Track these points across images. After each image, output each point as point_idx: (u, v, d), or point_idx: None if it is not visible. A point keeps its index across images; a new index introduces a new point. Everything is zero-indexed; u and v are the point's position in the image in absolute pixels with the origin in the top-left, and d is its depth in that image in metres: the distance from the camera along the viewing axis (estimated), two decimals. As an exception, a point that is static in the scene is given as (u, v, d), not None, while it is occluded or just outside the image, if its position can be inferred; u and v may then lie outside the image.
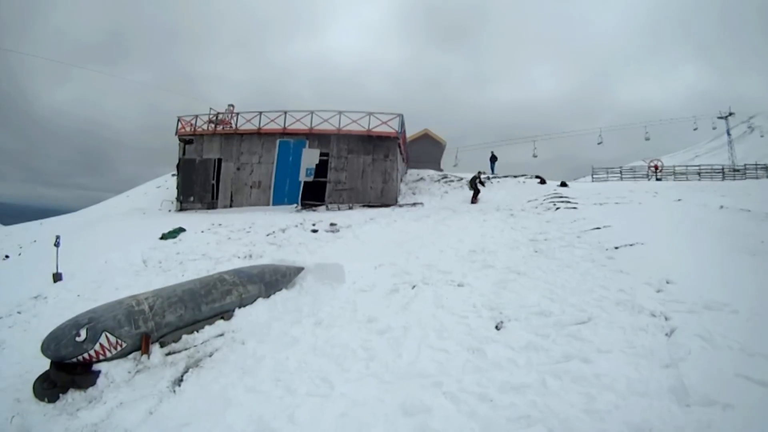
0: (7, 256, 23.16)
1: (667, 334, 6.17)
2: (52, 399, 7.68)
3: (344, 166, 28.52)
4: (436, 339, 6.97)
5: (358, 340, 7.37)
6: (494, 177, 31.89)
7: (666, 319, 6.59)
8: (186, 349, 8.58)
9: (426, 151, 42.35)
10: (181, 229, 20.22)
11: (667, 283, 7.86)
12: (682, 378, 5.07)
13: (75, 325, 8.04)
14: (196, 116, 32.00)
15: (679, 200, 18.93)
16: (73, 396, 7.68)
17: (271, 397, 6.29)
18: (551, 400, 5.10)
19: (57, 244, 15.33)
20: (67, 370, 7.90)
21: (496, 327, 7.19)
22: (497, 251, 11.73)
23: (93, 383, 7.79)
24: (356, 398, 5.81)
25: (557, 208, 18.09)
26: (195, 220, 23.40)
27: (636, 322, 6.69)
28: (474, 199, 25.17)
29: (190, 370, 7.84)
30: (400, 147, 29.57)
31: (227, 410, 6.22)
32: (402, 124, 29.10)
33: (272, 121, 29.70)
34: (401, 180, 31.07)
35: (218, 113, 32.31)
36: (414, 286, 9.61)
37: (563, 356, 5.98)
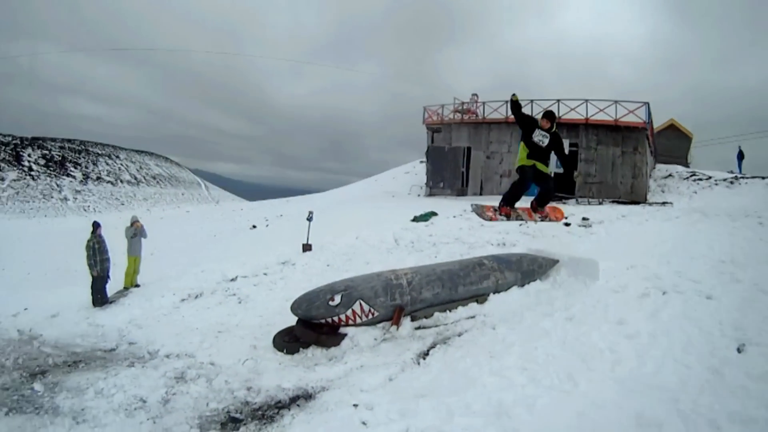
0: (254, 226, 25.28)
1: None
2: (291, 351, 8.52)
3: (594, 158, 27.66)
4: (681, 352, 6.74)
5: (607, 342, 7.27)
6: (741, 177, 28.92)
7: None
8: (436, 326, 9.02)
9: (672, 144, 40.08)
10: (433, 213, 20.78)
11: None
12: None
13: (331, 290, 8.79)
14: (442, 106, 32.78)
15: None
16: (313, 352, 8.46)
17: (515, 385, 6.34)
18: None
19: (310, 219, 16.62)
20: (314, 329, 8.71)
21: (738, 349, 6.82)
22: (746, 264, 11.02)
23: (337, 344, 8.51)
24: (596, 400, 5.74)
25: (808, 220, 16.33)
26: (445, 206, 23.98)
27: None
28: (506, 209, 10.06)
29: (437, 346, 8.17)
30: (648, 139, 28.19)
31: (468, 389, 6.35)
32: (649, 114, 27.68)
33: (519, 110, 29.18)
34: (650, 176, 29.47)
35: (463, 102, 32.64)
36: (664, 293, 9.28)
37: (794, 395, 5.57)
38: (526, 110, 28.41)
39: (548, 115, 9.57)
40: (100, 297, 13.27)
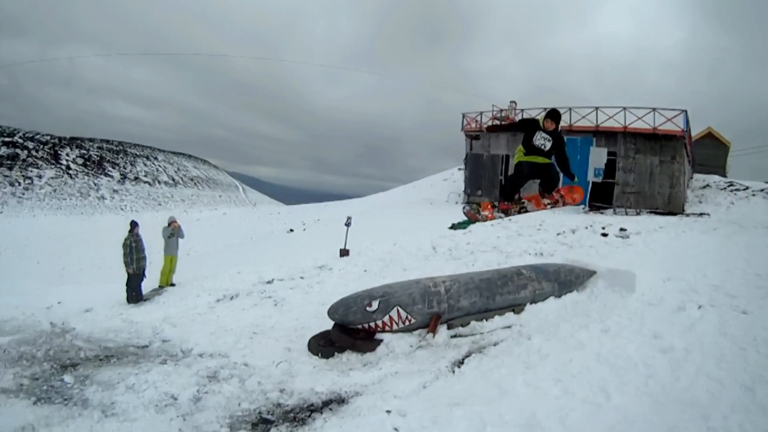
0: (291, 230, 25.53)
1: None
2: (326, 355, 8.54)
3: (632, 168, 27.33)
4: (714, 368, 6.67)
5: (641, 355, 7.20)
6: None
7: None
8: (472, 335, 9.01)
9: (709, 153, 39.40)
10: (470, 221, 20.81)
11: None
12: None
13: (369, 295, 8.84)
14: (480, 113, 32.71)
15: None
16: (348, 357, 8.49)
17: (548, 396, 6.30)
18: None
19: (348, 224, 16.78)
20: (350, 334, 8.73)
21: (771, 367, 6.68)
22: (783, 279, 10.85)
23: (372, 350, 8.53)
24: (628, 414, 5.73)
25: None
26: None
27: None
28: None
29: (473, 355, 8.13)
30: (686, 148, 27.80)
31: (502, 399, 6.33)
32: (687, 122, 27.28)
33: (558, 118, 28.89)
34: (687, 186, 29.07)
35: (501, 110, 32.64)
36: (700, 307, 9.15)
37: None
38: (564, 117, 28.20)
39: (552, 114, 8.84)
40: (135, 294, 13.62)
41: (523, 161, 9.00)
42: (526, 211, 10.02)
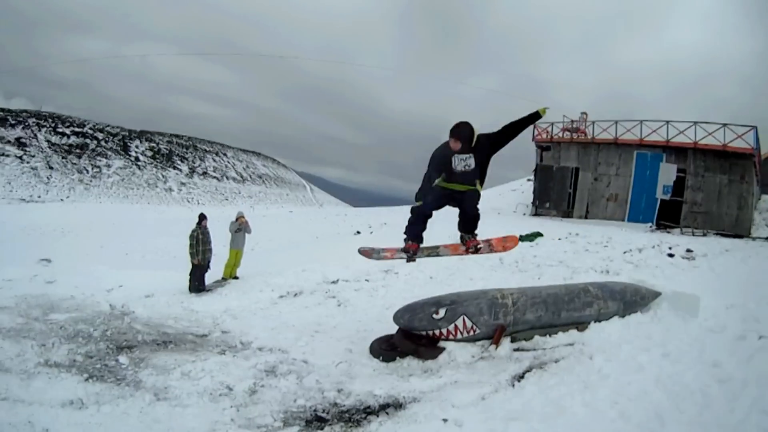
0: (358, 232, 25.84)
1: None
2: (387, 359, 8.69)
3: (701, 186, 26.60)
4: None
5: (699, 383, 7.01)
6: None
7: None
8: (534, 350, 8.91)
9: None
10: (538, 234, 20.74)
11: None
12: None
13: (436, 303, 8.95)
14: (552, 123, 32.21)
15: None
16: (410, 363, 8.58)
17: (604, 419, 6.24)
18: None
19: (414, 230, 16.68)
20: (413, 340, 8.83)
21: (829, 405, 6.49)
22: None
23: (434, 357, 8.61)
24: None
25: None
26: (551, 227, 23.83)
27: None
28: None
29: (533, 370, 8.04)
30: (755, 167, 26.90)
31: (559, 418, 6.31)
32: (757, 139, 26.40)
33: (628, 131, 28.67)
34: (755, 207, 28.04)
35: (573, 121, 32.24)
36: (761, 337, 8.74)
37: None
38: (635, 130, 27.92)
39: (455, 131, 7.39)
40: (197, 284, 14.16)
41: (438, 186, 8.22)
42: (438, 255, 9.36)
